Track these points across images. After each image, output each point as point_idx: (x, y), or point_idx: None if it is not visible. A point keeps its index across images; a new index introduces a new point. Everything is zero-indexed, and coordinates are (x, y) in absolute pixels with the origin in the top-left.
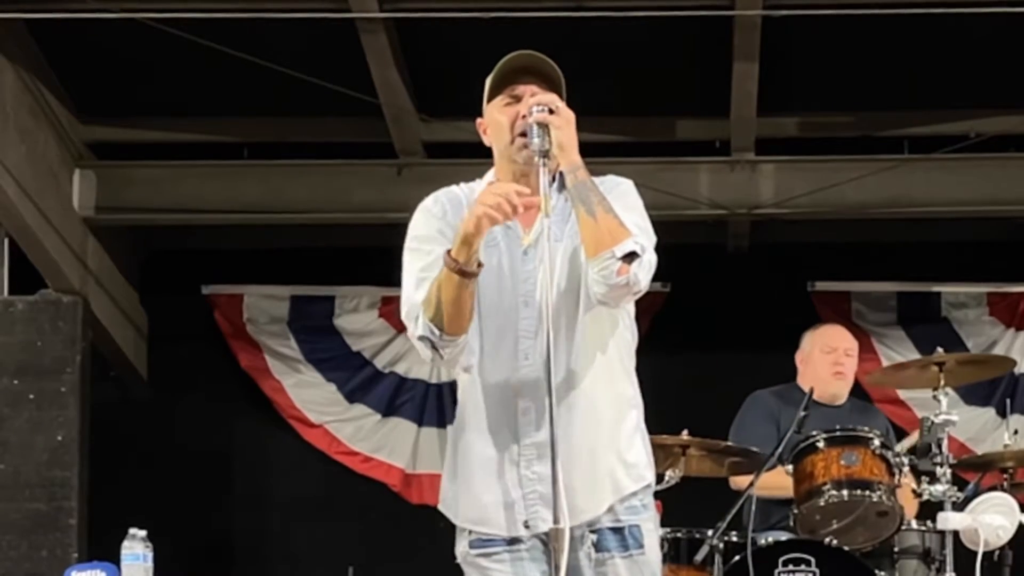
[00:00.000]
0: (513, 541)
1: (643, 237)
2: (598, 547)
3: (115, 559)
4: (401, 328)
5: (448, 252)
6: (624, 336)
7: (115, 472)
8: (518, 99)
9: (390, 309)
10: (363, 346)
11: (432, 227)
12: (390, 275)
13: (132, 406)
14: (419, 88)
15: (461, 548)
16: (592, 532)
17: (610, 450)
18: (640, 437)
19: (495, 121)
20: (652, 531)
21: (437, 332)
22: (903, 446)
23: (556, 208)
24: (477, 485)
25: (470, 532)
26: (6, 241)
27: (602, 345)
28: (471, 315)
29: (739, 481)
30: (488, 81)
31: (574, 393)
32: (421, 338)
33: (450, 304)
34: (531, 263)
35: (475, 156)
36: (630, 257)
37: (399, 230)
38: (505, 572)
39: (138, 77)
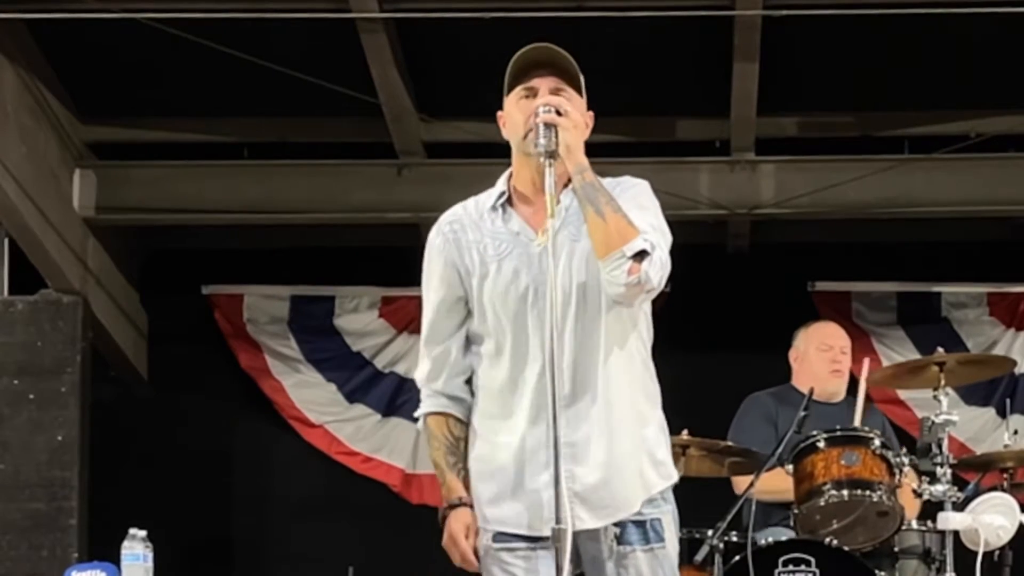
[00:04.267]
0: (538, 538)
1: (656, 235)
2: (620, 540)
3: (115, 559)
4: (401, 328)
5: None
6: (644, 334)
7: (115, 472)
8: (534, 92)
9: (390, 309)
10: (363, 346)
11: (434, 269)
12: (390, 275)
13: (132, 406)
14: (419, 88)
15: (483, 541)
16: (615, 525)
17: (641, 448)
18: (664, 435)
19: (510, 116)
20: (671, 524)
21: None
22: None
23: (571, 208)
24: (505, 488)
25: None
26: (6, 241)
27: (626, 343)
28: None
29: (741, 483)
30: (506, 75)
31: (606, 392)
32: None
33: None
34: (547, 264)
35: (475, 156)
36: (641, 256)
37: (399, 230)
38: (529, 569)
39: (138, 77)
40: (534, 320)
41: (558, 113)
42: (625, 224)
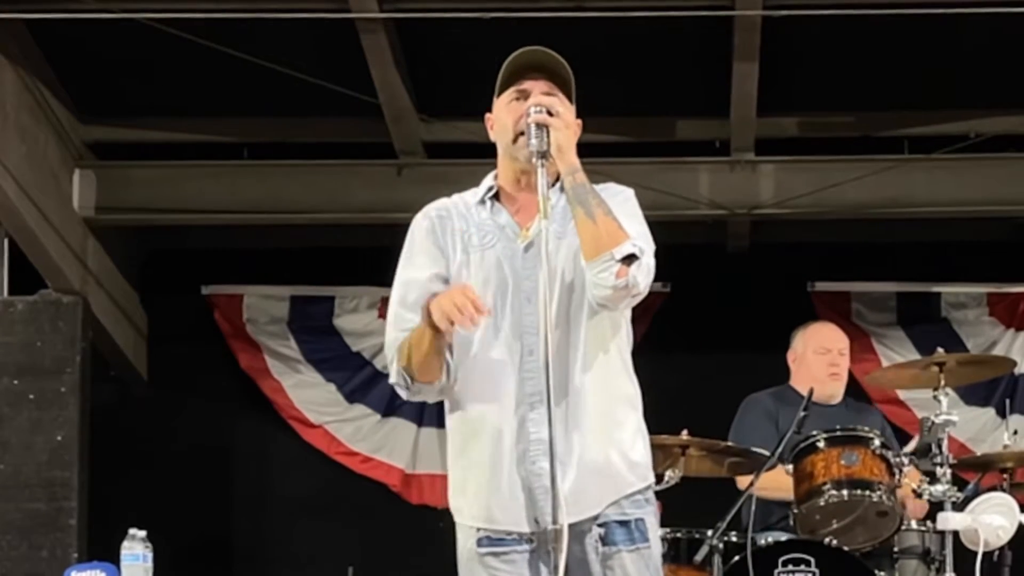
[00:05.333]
0: (521, 540)
1: (642, 242)
2: (605, 540)
3: (115, 559)
4: None
5: (427, 306)
6: (624, 336)
7: (115, 472)
8: (525, 95)
9: None
10: (363, 346)
11: (418, 247)
12: (390, 275)
13: (132, 406)
14: (419, 88)
15: (467, 545)
16: (599, 526)
17: (614, 448)
18: (641, 437)
19: (499, 118)
20: (654, 525)
21: (408, 380)
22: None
23: (557, 207)
24: (485, 482)
25: (477, 530)
26: (6, 241)
27: (605, 344)
28: (442, 368)
29: (745, 483)
30: (499, 76)
31: (581, 391)
32: (395, 383)
33: (421, 361)
34: (532, 260)
35: (475, 156)
36: (629, 259)
37: (399, 230)
38: (514, 572)
39: (138, 77)
40: (514, 313)
41: (550, 114)
42: (615, 227)
